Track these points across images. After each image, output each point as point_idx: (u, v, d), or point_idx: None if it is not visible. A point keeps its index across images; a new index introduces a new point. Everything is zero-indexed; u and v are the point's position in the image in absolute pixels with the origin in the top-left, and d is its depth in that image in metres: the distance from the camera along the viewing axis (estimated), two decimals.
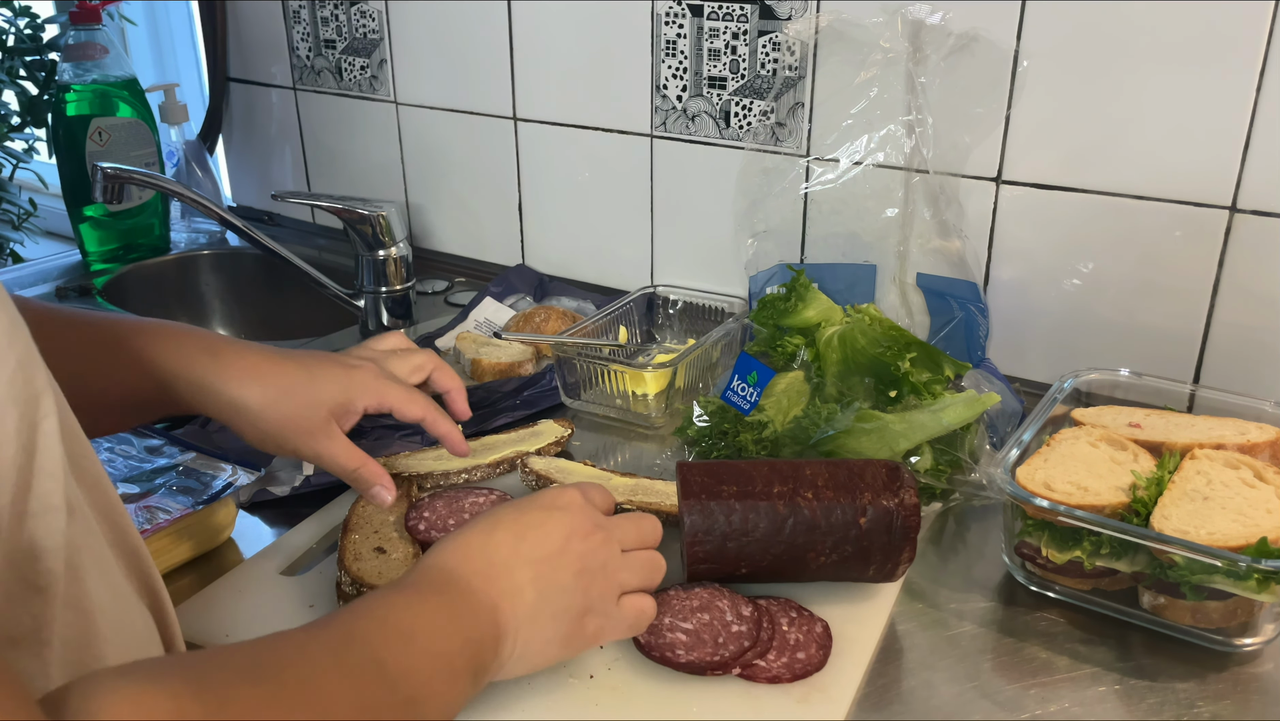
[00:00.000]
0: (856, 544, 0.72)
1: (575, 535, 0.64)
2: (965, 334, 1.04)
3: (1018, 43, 0.99)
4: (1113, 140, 0.98)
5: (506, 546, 0.62)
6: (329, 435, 0.76)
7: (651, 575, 0.67)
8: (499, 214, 1.39)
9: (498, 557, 0.61)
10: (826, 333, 0.96)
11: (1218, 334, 0.99)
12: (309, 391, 0.76)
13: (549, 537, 0.63)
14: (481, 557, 0.61)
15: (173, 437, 0.90)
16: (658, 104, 1.21)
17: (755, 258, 1.14)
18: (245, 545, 0.85)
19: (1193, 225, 0.97)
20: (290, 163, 1.58)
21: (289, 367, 0.76)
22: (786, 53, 1.11)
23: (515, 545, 0.62)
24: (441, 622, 0.57)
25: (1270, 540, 0.67)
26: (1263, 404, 0.85)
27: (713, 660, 0.67)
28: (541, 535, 0.63)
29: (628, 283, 1.29)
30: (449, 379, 0.86)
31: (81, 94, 1.40)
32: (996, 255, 1.07)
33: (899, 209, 1.07)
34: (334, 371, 0.78)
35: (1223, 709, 0.67)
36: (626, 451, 1.00)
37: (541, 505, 0.65)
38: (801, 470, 0.74)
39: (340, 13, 1.41)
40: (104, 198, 1.21)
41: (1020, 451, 0.80)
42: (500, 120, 1.34)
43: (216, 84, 1.58)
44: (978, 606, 0.77)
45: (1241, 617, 0.71)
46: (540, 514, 0.64)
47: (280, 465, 0.90)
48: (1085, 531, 0.73)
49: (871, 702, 0.68)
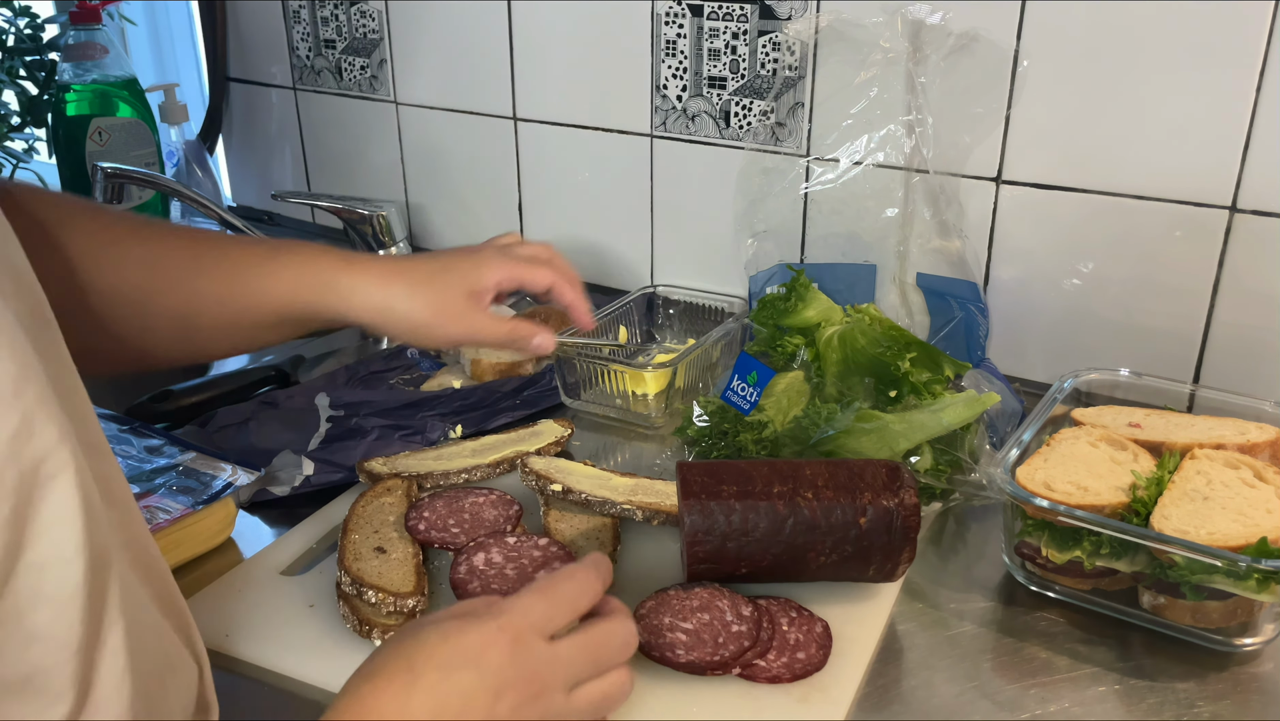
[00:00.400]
0: (856, 544, 0.72)
1: (504, 695, 0.54)
2: (965, 334, 1.04)
3: (1018, 42, 0.99)
4: (1113, 140, 0.98)
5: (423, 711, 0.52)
6: (475, 311, 0.79)
7: (615, 693, 0.59)
8: (499, 214, 1.39)
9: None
10: (826, 332, 0.96)
11: (1218, 334, 0.99)
12: (445, 277, 0.79)
13: (471, 706, 0.53)
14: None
15: (173, 437, 0.90)
16: (658, 104, 1.21)
17: (755, 257, 1.14)
18: (245, 545, 0.85)
19: (1193, 225, 0.97)
20: (290, 163, 1.58)
21: (420, 263, 0.80)
22: (786, 53, 1.11)
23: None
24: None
25: (1270, 540, 0.67)
26: (1263, 404, 0.85)
27: (713, 660, 0.67)
28: (463, 703, 0.53)
29: (628, 283, 1.29)
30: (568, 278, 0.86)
31: (81, 94, 1.40)
32: (996, 255, 1.07)
33: (899, 209, 1.07)
34: (462, 256, 0.81)
35: (1223, 709, 0.67)
36: (626, 451, 1.00)
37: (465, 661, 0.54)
38: (801, 470, 0.74)
39: (340, 13, 1.41)
40: (104, 198, 1.21)
41: (1020, 451, 0.80)
42: (500, 120, 1.34)
43: (216, 84, 1.58)
44: (978, 606, 0.77)
45: (1241, 617, 0.71)
46: (462, 675, 0.53)
47: (280, 465, 0.90)
48: (1085, 531, 0.73)
49: (871, 702, 0.68)
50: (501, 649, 0.55)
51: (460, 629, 0.55)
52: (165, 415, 1.03)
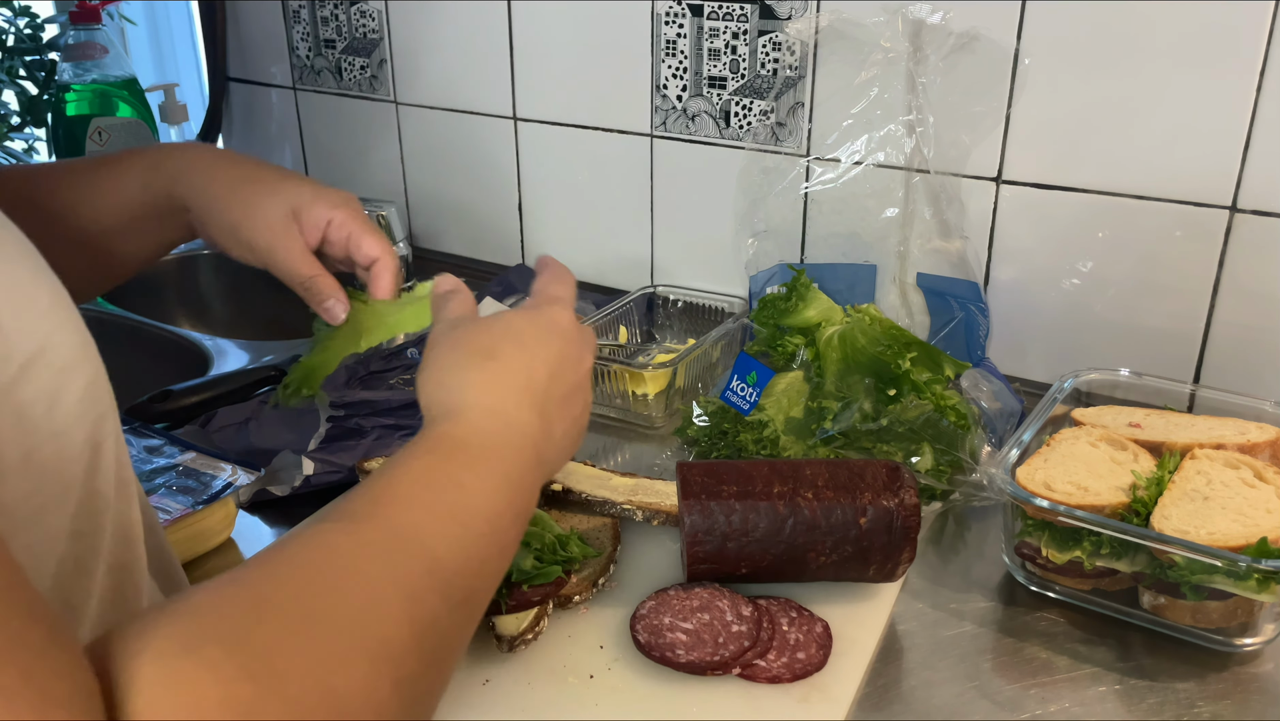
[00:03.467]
0: (856, 544, 0.72)
1: (582, 363, 0.65)
2: (965, 334, 1.04)
3: (1018, 42, 0.99)
4: (1113, 140, 0.98)
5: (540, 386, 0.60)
6: (287, 234, 0.74)
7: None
8: (499, 214, 1.39)
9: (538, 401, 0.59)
10: (826, 332, 0.96)
11: (1218, 334, 0.99)
12: (278, 189, 0.75)
13: (572, 372, 0.63)
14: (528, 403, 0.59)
15: (173, 438, 0.90)
16: (658, 104, 1.21)
17: (755, 257, 1.14)
18: (245, 545, 0.85)
19: (1193, 225, 0.97)
20: (290, 163, 1.58)
21: (269, 170, 0.76)
22: (786, 52, 1.11)
23: (549, 386, 0.61)
24: (494, 496, 0.52)
25: (1270, 540, 0.67)
26: (1263, 404, 0.85)
27: (713, 660, 0.67)
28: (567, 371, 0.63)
29: (628, 283, 1.29)
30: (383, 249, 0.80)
31: (81, 94, 1.40)
32: (996, 255, 1.07)
33: (899, 209, 1.07)
34: (307, 182, 0.77)
35: (1223, 709, 0.67)
36: (626, 451, 1.00)
37: (558, 332, 0.64)
38: (801, 470, 0.74)
39: (340, 13, 1.41)
40: None
41: (1020, 451, 0.80)
42: (500, 120, 1.34)
43: (216, 84, 1.58)
44: (978, 606, 0.77)
45: (1241, 617, 0.71)
46: (561, 345, 0.63)
47: (280, 465, 0.90)
48: (1085, 531, 0.73)
49: (871, 702, 0.68)
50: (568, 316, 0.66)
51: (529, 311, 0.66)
52: (165, 415, 1.03)
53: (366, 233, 0.76)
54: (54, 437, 0.43)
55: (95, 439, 0.45)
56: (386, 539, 0.46)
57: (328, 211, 0.75)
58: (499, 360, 0.60)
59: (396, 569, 0.44)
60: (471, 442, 0.54)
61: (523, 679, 0.67)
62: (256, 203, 0.73)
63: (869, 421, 0.89)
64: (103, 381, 0.46)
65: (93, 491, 0.45)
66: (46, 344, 0.43)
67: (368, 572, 0.43)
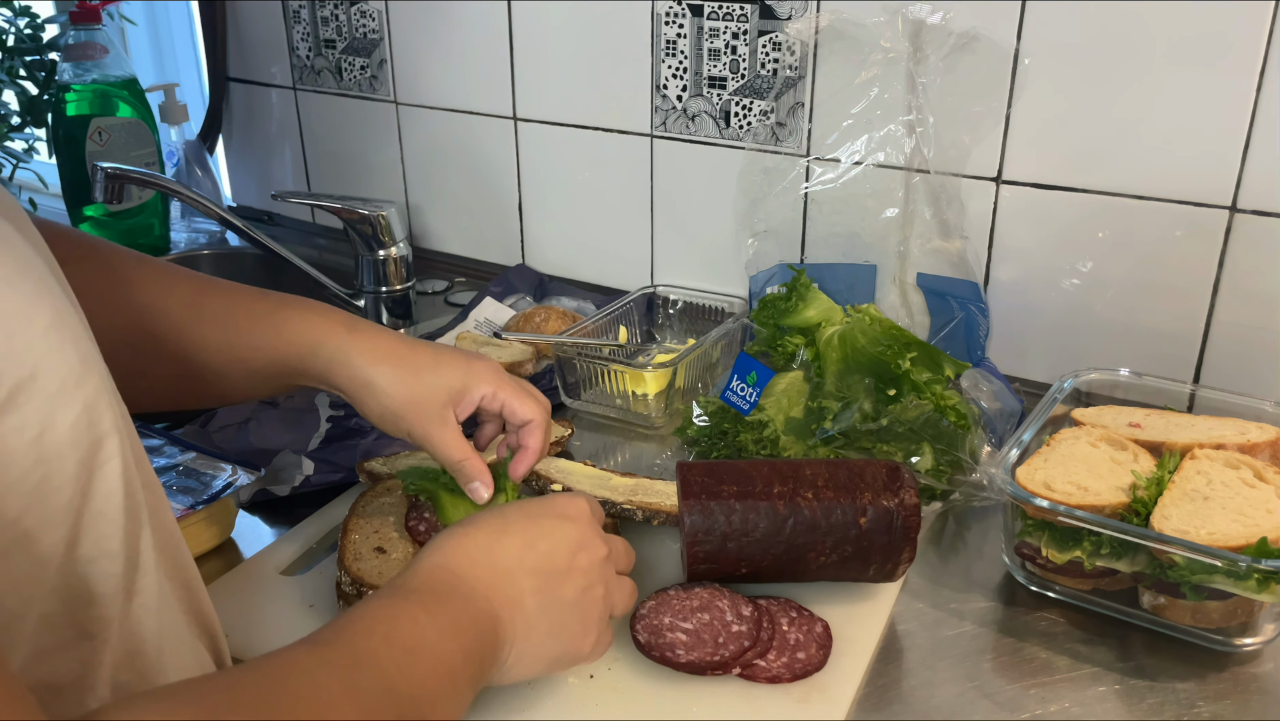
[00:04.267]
0: (856, 544, 0.72)
1: (583, 550, 0.64)
2: (965, 334, 1.04)
3: (1018, 42, 0.99)
4: (1113, 140, 0.98)
5: (513, 554, 0.62)
6: (444, 421, 0.77)
7: (630, 602, 0.68)
8: (499, 214, 1.39)
9: (503, 565, 0.61)
10: (826, 332, 0.96)
11: (1218, 334, 0.99)
12: (434, 376, 0.77)
13: (557, 550, 0.63)
14: (487, 563, 0.61)
15: (173, 437, 0.90)
16: (658, 104, 1.21)
17: (755, 257, 1.14)
18: (245, 545, 0.85)
19: (1193, 225, 0.97)
20: (290, 163, 1.58)
21: (419, 352, 0.78)
22: (786, 52, 1.11)
23: (523, 554, 0.62)
24: (447, 636, 0.56)
25: (1270, 540, 0.67)
26: (1263, 404, 0.85)
27: (713, 660, 0.67)
28: (550, 546, 0.63)
29: (628, 283, 1.29)
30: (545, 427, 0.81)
31: (81, 94, 1.40)
32: (996, 255, 1.07)
33: (899, 209, 1.07)
34: (457, 359, 0.79)
35: (1223, 709, 0.67)
36: (626, 451, 1.00)
37: (552, 514, 0.65)
38: (801, 470, 0.74)
39: (340, 13, 1.41)
40: (104, 197, 1.21)
41: (1020, 451, 0.80)
42: (500, 120, 1.34)
43: (216, 84, 1.58)
44: (978, 606, 0.77)
45: (1241, 617, 0.71)
46: (551, 523, 0.64)
47: (280, 465, 0.90)
48: (1085, 531, 0.73)
49: (871, 702, 0.68)
50: (582, 509, 0.66)
51: (541, 499, 0.67)
52: (165, 415, 1.03)
53: (515, 397, 0.79)
54: (40, 464, 0.42)
55: (91, 463, 0.44)
56: (345, 659, 0.50)
57: (480, 389, 0.78)
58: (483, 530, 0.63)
59: (354, 687, 0.48)
60: (424, 589, 0.58)
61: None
62: (415, 398, 0.76)
63: (869, 421, 0.89)
64: (104, 404, 0.45)
65: (97, 514, 0.45)
66: (39, 368, 0.42)
67: (327, 686, 0.47)
